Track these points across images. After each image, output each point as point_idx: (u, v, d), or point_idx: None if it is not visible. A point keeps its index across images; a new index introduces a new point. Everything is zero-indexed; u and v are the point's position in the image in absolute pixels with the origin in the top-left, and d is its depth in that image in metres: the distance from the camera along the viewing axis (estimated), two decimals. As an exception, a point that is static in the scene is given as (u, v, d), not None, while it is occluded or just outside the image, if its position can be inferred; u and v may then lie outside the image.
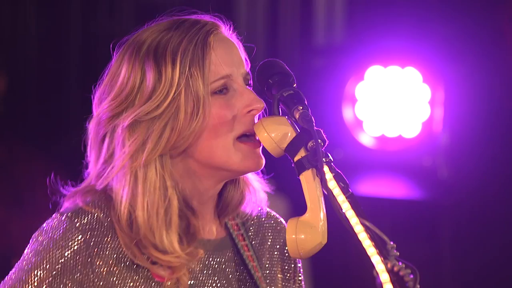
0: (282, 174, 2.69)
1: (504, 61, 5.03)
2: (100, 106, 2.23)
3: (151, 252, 2.15)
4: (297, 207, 3.46)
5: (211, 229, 2.30)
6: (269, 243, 2.40)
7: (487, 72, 5.04)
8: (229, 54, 2.24)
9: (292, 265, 2.43)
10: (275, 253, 2.40)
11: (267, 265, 2.37)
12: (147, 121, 2.16)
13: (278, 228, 2.43)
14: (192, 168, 2.22)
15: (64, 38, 5.30)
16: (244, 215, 2.37)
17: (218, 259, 2.28)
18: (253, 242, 2.37)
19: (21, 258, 2.18)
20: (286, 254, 2.42)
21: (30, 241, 2.19)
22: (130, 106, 2.18)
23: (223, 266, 2.29)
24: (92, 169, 2.24)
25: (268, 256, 2.38)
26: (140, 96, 2.18)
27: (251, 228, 2.39)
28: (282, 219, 2.46)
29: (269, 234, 2.41)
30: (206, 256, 2.26)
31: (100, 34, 5.29)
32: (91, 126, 2.24)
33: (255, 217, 2.40)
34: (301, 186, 2.11)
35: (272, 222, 2.43)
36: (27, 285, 2.13)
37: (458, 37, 5.07)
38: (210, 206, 2.30)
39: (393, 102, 5.12)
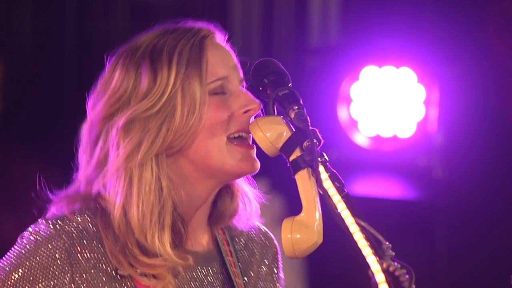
0: (277, 173, 2.69)
1: (499, 62, 5.04)
2: (94, 109, 2.22)
3: (137, 257, 2.13)
4: (293, 206, 3.46)
5: (201, 240, 2.29)
6: (257, 257, 2.39)
7: (481, 72, 5.04)
8: (225, 58, 2.25)
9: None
10: (263, 268, 2.40)
11: (252, 281, 2.36)
12: (143, 120, 2.16)
13: (267, 243, 2.42)
14: (187, 170, 2.21)
15: (59, 38, 5.29)
16: (234, 230, 2.37)
17: (205, 272, 2.27)
18: (240, 256, 2.36)
19: (5, 256, 2.19)
20: (275, 271, 2.42)
21: (17, 241, 2.19)
22: (125, 106, 2.18)
23: (210, 279, 2.28)
24: (82, 173, 2.23)
25: (255, 271, 2.38)
26: (135, 97, 2.18)
27: (240, 242, 2.38)
28: (271, 234, 2.45)
29: (258, 248, 2.40)
30: (193, 267, 2.25)
31: (95, 34, 5.28)
32: (84, 130, 2.23)
33: (245, 232, 2.39)
34: (297, 186, 2.11)
35: (261, 237, 2.42)
36: (3, 285, 2.13)
37: (453, 37, 5.07)
38: (204, 214, 2.29)
39: (388, 102, 5.12)
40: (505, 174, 5.00)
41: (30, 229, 2.19)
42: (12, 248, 2.19)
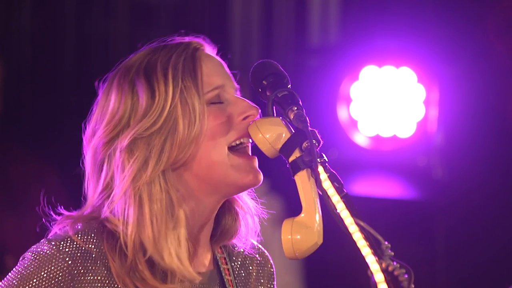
0: (277, 174, 2.69)
1: (499, 62, 5.04)
2: (94, 137, 2.19)
3: (146, 280, 2.11)
4: (292, 207, 3.47)
5: (203, 260, 2.29)
6: (253, 276, 2.39)
7: (481, 72, 5.05)
8: (218, 67, 2.26)
9: None
10: (260, 287, 2.40)
11: None
12: (146, 138, 2.15)
13: (263, 262, 2.42)
14: (192, 184, 2.20)
15: (58, 38, 5.30)
16: (232, 248, 2.36)
17: None
18: (237, 275, 2.36)
19: (7, 277, 2.14)
20: None
21: (19, 261, 2.15)
22: (125, 128, 2.16)
23: None
24: (89, 201, 2.20)
25: None
26: (134, 116, 2.16)
27: (238, 260, 2.37)
28: (267, 253, 2.44)
29: (254, 267, 2.40)
30: None
31: (95, 34, 5.29)
32: (88, 158, 2.21)
33: (242, 250, 2.37)
34: (296, 187, 2.11)
35: (258, 255, 2.41)
36: None
37: (452, 37, 5.07)
38: (207, 233, 2.28)
39: (387, 102, 5.12)
40: (505, 174, 5.00)
41: (32, 249, 2.15)
42: (14, 269, 2.14)
